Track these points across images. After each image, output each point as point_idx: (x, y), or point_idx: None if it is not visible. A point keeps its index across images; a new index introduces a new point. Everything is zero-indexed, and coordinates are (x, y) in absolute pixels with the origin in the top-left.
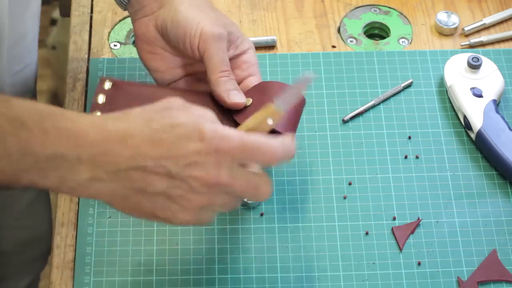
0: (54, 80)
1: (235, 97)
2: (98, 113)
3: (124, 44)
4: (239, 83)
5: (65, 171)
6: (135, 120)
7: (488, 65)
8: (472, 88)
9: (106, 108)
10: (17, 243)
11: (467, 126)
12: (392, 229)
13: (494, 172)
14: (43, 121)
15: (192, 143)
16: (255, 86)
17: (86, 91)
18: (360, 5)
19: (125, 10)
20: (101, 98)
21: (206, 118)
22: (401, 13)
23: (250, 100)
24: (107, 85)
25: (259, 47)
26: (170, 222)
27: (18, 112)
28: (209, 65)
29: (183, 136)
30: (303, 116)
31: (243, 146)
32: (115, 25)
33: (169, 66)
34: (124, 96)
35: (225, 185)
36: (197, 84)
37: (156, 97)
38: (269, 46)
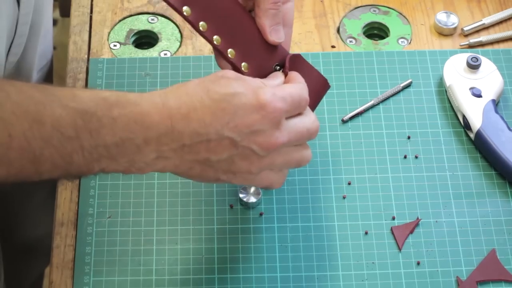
0: (54, 80)
1: (277, 34)
2: None
3: (124, 44)
4: None
5: (134, 154)
6: (194, 92)
7: (487, 65)
8: (471, 88)
9: None
10: (31, 236)
11: (466, 126)
12: (391, 229)
13: (493, 172)
14: (110, 110)
15: (253, 111)
16: (293, 58)
17: None
18: (359, 5)
19: None
20: None
21: (260, 86)
22: (400, 13)
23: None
24: None
25: None
26: (233, 183)
27: (87, 104)
28: None
29: (243, 105)
30: None
31: (296, 101)
32: (115, 25)
33: None
34: None
35: (286, 144)
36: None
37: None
38: None
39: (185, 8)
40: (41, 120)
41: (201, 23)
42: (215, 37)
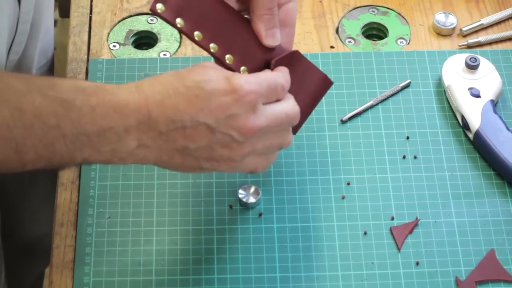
0: None
1: (273, 38)
2: (162, 7)
3: (123, 44)
4: None
5: (115, 143)
6: (169, 81)
7: (486, 65)
8: (470, 88)
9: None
10: (31, 236)
11: (465, 126)
12: (390, 229)
13: (492, 172)
14: (89, 99)
15: (226, 96)
16: (289, 55)
17: None
18: (358, 5)
19: None
20: None
21: (235, 74)
22: (399, 14)
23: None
24: None
25: None
26: (218, 170)
27: (66, 94)
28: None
29: (216, 90)
30: None
31: (272, 87)
32: (114, 25)
33: None
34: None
35: (264, 128)
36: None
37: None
38: None
39: (178, 20)
40: (22, 109)
41: (196, 33)
42: (211, 45)
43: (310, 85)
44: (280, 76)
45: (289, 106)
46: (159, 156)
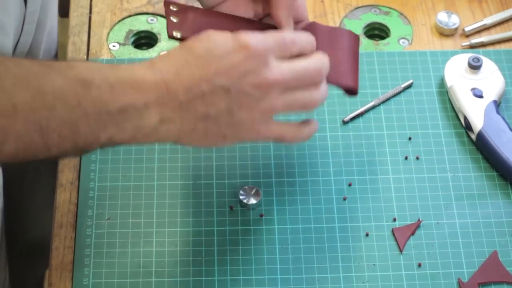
0: None
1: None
2: (179, 34)
3: (123, 44)
4: None
5: (137, 119)
6: (178, 54)
7: (488, 65)
8: (472, 89)
9: (183, 26)
10: (35, 237)
11: (468, 127)
12: (392, 231)
13: (495, 173)
14: (107, 76)
15: (237, 54)
16: (307, 28)
17: None
18: (360, 5)
19: None
20: (174, 19)
21: (239, 32)
22: (401, 14)
23: None
24: (174, 8)
25: None
26: (242, 139)
27: (84, 72)
28: None
29: (226, 51)
30: (303, 117)
31: (280, 41)
32: (114, 25)
33: None
34: (192, 18)
35: (281, 83)
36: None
37: (216, 22)
38: None
39: (175, 33)
40: (42, 91)
41: None
42: None
43: (340, 45)
44: (287, 32)
45: (311, 60)
46: (182, 129)
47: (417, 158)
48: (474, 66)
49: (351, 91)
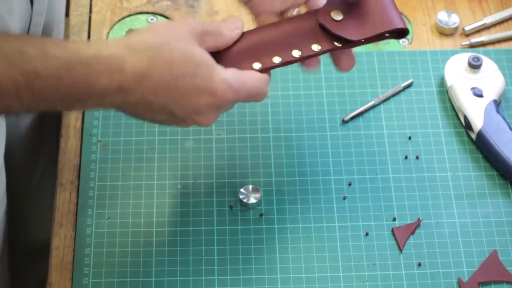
0: None
1: None
2: None
3: None
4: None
5: (76, 104)
6: (157, 58)
7: (488, 65)
8: (472, 88)
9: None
10: (37, 240)
11: (468, 126)
12: (392, 230)
13: (495, 173)
14: (58, 73)
15: (205, 97)
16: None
17: None
18: None
19: None
20: None
21: (220, 74)
22: (401, 13)
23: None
24: None
25: None
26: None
27: (33, 65)
28: None
29: (198, 88)
30: (303, 117)
31: (248, 95)
32: (114, 25)
33: None
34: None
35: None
36: None
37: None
38: None
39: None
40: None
41: (255, 64)
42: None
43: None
44: (265, 85)
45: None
46: (130, 112)
47: (417, 158)
48: (474, 66)
49: (402, 33)
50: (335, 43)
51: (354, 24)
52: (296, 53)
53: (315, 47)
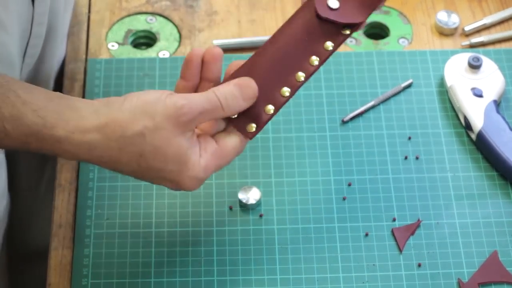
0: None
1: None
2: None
3: (122, 44)
4: None
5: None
6: (127, 149)
7: (488, 65)
8: (472, 88)
9: None
10: (36, 244)
11: (468, 126)
12: (392, 231)
13: (495, 173)
14: (26, 139)
15: (169, 184)
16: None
17: (84, 92)
18: None
19: None
20: None
21: (194, 170)
22: (401, 13)
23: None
24: None
25: (258, 47)
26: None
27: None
28: None
29: (164, 179)
30: (302, 117)
31: (215, 170)
32: (113, 25)
33: None
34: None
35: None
36: None
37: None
38: None
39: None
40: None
41: (268, 107)
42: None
43: None
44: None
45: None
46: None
47: (417, 158)
48: (474, 66)
49: None
50: (344, 32)
51: (353, 5)
52: (315, 60)
53: (329, 44)
